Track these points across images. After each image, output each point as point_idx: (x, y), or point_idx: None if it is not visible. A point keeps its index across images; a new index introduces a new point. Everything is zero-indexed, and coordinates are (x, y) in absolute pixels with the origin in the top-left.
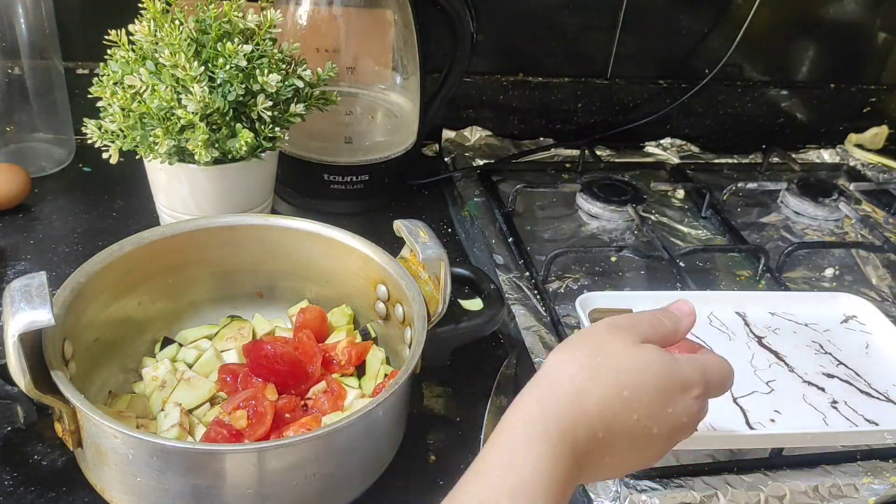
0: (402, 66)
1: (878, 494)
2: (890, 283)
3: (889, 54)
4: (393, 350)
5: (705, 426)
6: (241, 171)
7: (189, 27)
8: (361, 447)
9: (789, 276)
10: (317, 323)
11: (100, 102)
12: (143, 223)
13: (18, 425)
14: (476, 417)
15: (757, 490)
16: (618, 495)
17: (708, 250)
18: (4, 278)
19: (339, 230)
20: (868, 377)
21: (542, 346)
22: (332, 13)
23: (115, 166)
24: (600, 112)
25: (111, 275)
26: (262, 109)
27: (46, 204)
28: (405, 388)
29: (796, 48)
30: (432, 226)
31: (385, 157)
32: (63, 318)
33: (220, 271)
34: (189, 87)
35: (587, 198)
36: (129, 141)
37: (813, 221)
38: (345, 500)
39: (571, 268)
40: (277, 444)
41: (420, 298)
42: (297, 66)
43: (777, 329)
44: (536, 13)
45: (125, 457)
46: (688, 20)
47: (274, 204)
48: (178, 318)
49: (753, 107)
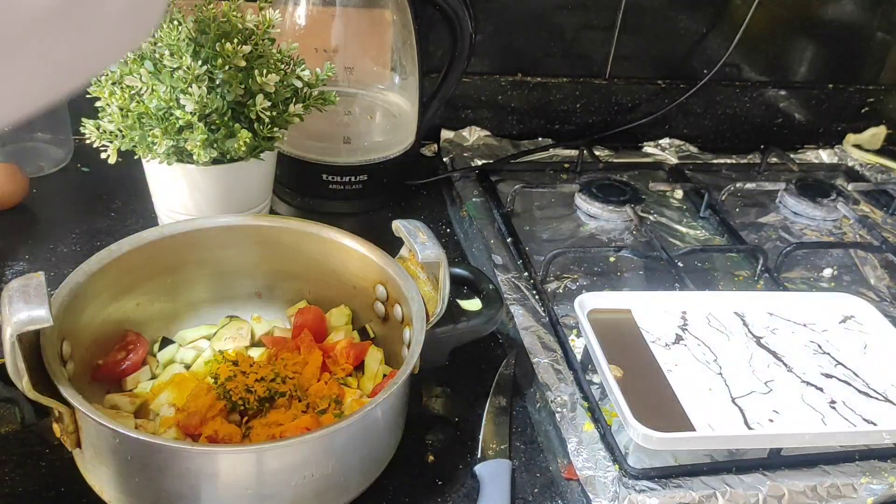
0: (401, 66)
1: (877, 494)
2: (888, 283)
3: (887, 55)
4: (392, 350)
5: (705, 426)
6: (240, 171)
7: (188, 27)
8: (360, 447)
9: (788, 276)
10: (315, 323)
11: (98, 102)
12: (141, 223)
13: (17, 426)
14: (475, 418)
15: (755, 490)
16: (616, 495)
17: (706, 250)
18: (3, 278)
19: (337, 230)
20: (866, 377)
21: (541, 346)
22: (331, 13)
23: (113, 166)
24: (599, 112)
25: (109, 275)
26: (261, 109)
27: (45, 204)
28: (404, 389)
29: (795, 48)
30: (431, 226)
31: (384, 158)
32: (61, 318)
33: (218, 271)
34: (188, 88)
35: (586, 198)
36: (127, 141)
37: (811, 222)
38: (343, 500)
39: (570, 268)
40: (276, 445)
41: (419, 298)
42: (295, 67)
43: (775, 329)
44: (535, 13)
45: (123, 457)
46: (686, 20)
47: (273, 204)
48: (176, 318)
49: (752, 107)
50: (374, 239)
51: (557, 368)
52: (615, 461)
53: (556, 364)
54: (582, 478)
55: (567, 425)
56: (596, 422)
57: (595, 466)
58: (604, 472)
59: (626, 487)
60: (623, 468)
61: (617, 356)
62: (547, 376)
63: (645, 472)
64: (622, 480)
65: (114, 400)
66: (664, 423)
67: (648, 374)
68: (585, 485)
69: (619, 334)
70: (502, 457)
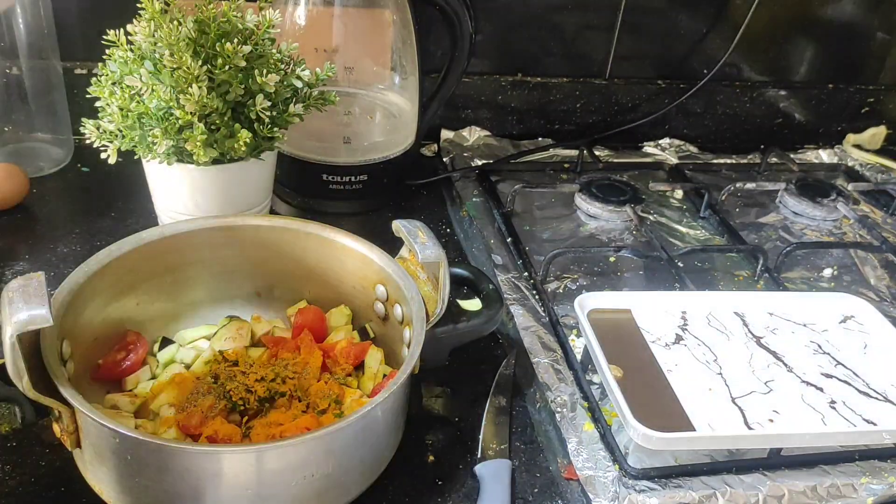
0: (401, 66)
1: (877, 494)
2: (888, 283)
3: (887, 55)
4: (391, 350)
5: (705, 426)
6: (240, 171)
7: (188, 27)
8: (360, 448)
9: (788, 276)
10: (315, 323)
11: (98, 102)
12: (141, 223)
13: (17, 426)
14: (475, 417)
15: (755, 490)
16: (616, 495)
17: (706, 250)
18: (3, 278)
19: (337, 230)
20: (866, 377)
21: (541, 346)
22: (331, 13)
23: (113, 166)
24: (599, 112)
25: (109, 275)
26: (261, 109)
27: (45, 204)
28: (404, 389)
29: (794, 48)
30: (431, 226)
31: (384, 158)
32: (61, 318)
33: (218, 272)
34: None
35: (586, 198)
36: (127, 141)
37: (811, 222)
38: (343, 500)
39: (570, 268)
40: (276, 445)
41: (419, 298)
42: (295, 67)
43: (775, 329)
44: (535, 13)
45: (123, 457)
46: (686, 20)
47: (273, 204)
48: (176, 318)
49: (752, 107)
50: (374, 239)
51: (557, 368)
52: (615, 461)
53: (556, 364)
54: (582, 478)
55: (567, 425)
56: (596, 422)
57: (595, 466)
58: (604, 472)
59: (626, 487)
60: (623, 468)
61: (617, 356)
62: (547, 376)
63: (645, 472)
64: (622, 480)
65: (114, 400)
66: (664, 423)
67: (648, 374)
68: (585, 485)
69: (619, 334)
70: (502, 457)
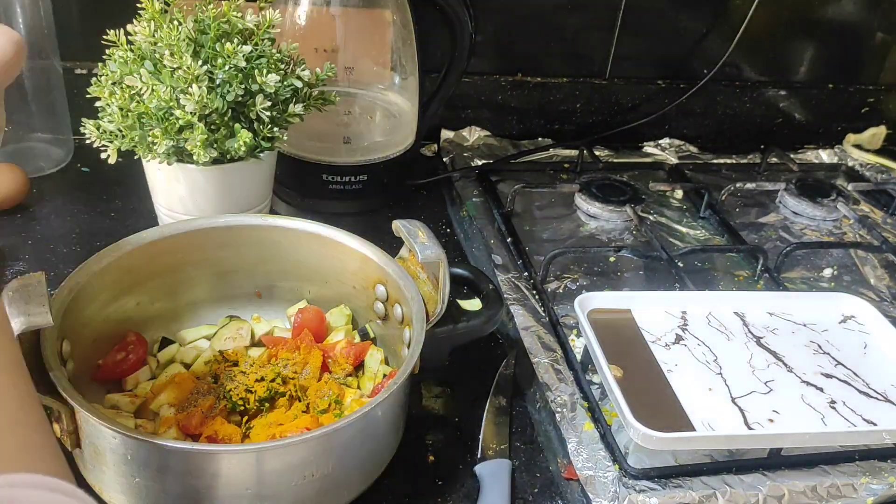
0: (401, 66)
1: (877, 494)
2: (888, 283)
3: (887, 54)
4: (391, 350)
5: (705, 426)
6: (240, 171)
7: (188, 27)
8: (360, 447)
9: (788, 276)
10: (315, 323)
11: (98, 102)
12: (141, 223)
13: None
14: (475, 418)
15: (755, 490)
16: (616, 495)
17: (706, 250)
18: (3, 279)
19: (337, 230)
20: (866, 377)
21: (541, 346)
22: (331, 13)
23: (113, 166)
24: (599, 112)
25: (110, 275)
26: (261, 109)
27: (45, 204)
28: (404, 389)
29: (794, 48)
30: (431, 226)
31: (384, 158)
32: (61, 318)
33: (218, 272)
34: (188, 88)
35: (586, 198)
36: (127, 141)
37: (811, 222)
38: (343, 500)
39: (570, 268)
40: (276, 445)
41: (419, 298)
42: (295, 67)
43: (775, 329)
44: (535, 13)
45: (123, 457)
46: (686, 20)
47: (273, 204)
48: (176, 318)
49: (752, 107)
50: (374, 239)
51: (557, 368)
52: (615, 461)
53: (556, 364)
54: (582, 478)
55: (567, 425)
56: (596, 422)
57: (595, 466)
58: (604, 472)
59: (626, 487)
60: (623, 468)
61: (617, 356)
62: (547, 376)
63: (645, 472)
64: (622, 480)
65: (114, 400)
66: (664, 423)
67: (648, 374)
68: (585, 485)
69: (619, 334)
70: (502, 457)
